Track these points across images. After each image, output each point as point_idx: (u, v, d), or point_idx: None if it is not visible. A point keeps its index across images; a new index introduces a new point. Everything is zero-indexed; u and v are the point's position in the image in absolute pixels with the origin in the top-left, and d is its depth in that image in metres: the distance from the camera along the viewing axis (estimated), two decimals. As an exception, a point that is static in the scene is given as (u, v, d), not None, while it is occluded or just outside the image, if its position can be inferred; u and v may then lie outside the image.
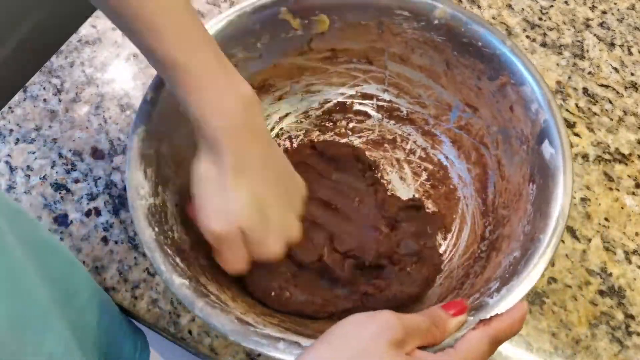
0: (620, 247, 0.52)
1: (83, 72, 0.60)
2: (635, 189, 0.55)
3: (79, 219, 0.52)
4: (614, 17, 0.66)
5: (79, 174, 0.54)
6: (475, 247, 0.47)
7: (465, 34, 0.46)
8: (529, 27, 0.64)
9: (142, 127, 0.42)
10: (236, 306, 0.38)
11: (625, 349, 0.47)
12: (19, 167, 0.55)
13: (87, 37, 0.62)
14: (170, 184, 0.43)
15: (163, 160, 0.43)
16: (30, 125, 0.57)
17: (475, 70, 0.47)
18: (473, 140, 0.50)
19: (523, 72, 0.44)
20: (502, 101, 0.46)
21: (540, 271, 0.37)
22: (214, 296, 0.37)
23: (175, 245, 0.40)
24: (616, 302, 0.49)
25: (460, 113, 0.51)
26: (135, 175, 0.40)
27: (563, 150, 0.41)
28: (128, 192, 0.40)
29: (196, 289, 0.37)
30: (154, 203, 0.40)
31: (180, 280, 0.37)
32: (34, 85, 0.59)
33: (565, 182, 0.40)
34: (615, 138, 0.57)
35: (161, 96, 0.43)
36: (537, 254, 0.38)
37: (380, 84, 0.53)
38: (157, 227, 0.39)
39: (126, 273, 0.50)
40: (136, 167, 0.40)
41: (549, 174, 0.41)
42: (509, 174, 0.46)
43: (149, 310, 0.48)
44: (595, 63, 0.62)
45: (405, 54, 0.50)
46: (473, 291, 0.41)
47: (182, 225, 0.42)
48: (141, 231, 0.38)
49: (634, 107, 0.59)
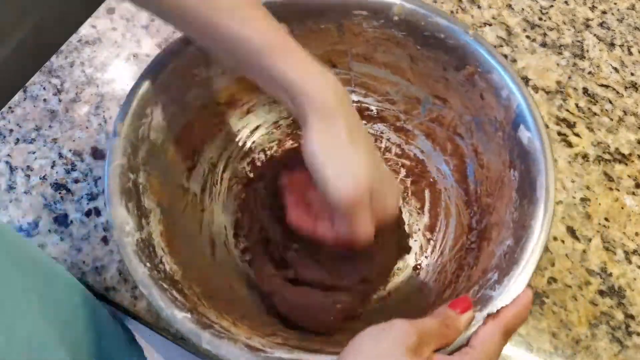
0: (620, 247, 0.52)
1: (83, 72, 0.60)
2: (635, 189, 0.55)
3: (79, 219, 0.52)
4: (614, 17, 0.66)
5: (79, 174, 0.54)
6: (464, 239, 0.47)
7: (427, 28, 0.46)
8: (529, 27, 0.64)
9: (117, 162, 0.41)
10: (239, 331, 0.38)
11: (625, 349, 0.47)
12: (19, 167, 0.55)
13: (87, 37, 0.62)
14: (152, 215, 0.42)
15: (143, 191, 0.42)
16: (30, 125, 0.57)
17: (440, 62, 0.47)
18: (447, 132, 0.50)
19: (489, 60, 0.44)
20: (472, 90, 0.47)
21: (537, 258, 0.37)
22: (217, 325, 0.37)
23: (168, 279, 0.39)
24: (616, 302, 0.49)
25: (430, 106, 0.51)
26: (118, 212, 0.39)
27: (540, 133, 0.41)
28: (114, 231, 0.38)
29: (199, 320, 0.36)
30: (141, 237, 0.39)
31: (182, 314, 0.36)
32: (34, 85, 0.59)
33: (547, 165, 0.40)
34: (615, 138, 0.57)
35: (131, 128, 0.42)
36: (531, 241, 0.38)
37: (347, 86, 0.53)
38: (149, 263, 0.38)
39: (126, 273, 0.50)
40: (118, 204, 0.39)
41: (530, 158, 0.41)
42: (488, 161, 0.46)
43: (149, 310, 0.48)
44: (595, 63, 0.62)
45: (368, 53, 0.50)
46: (471, 283, 0.41)
47: (170, 255, 0.41)
48: (134, 270, 0.37)
49: (634, 107, 0.59)
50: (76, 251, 0.51)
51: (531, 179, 0.40)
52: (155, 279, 0.37)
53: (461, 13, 0.65)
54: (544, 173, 0.40)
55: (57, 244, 0.51)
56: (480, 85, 0.46)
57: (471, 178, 0.48)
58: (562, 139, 0.57)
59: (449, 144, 0.50)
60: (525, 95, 0.43)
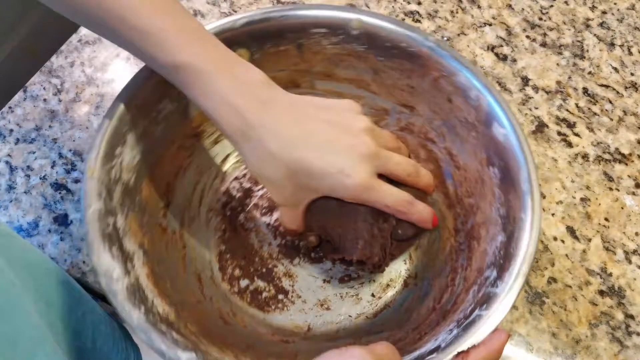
0: (620, 247, 0.52)
1: (83, 72, 0.60)
2: (635, 189, 0.55)
3: (79, 219, 0.52)
4: (614, 17, 0.66)
5: (79, 174, 0.54)
6: (452, 241, 0.47)
7: (387, 38, 0.46)
8: (529, 27, 0.64)
9: (93, 207, 0.39)
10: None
11: (625, 349, 0.47)
12: (19, 167, 0.55)
13: (87, 37, 0.62)
14: (135, 258, 0.41)
15: (123, 234, 0.41)
16: (30, 125, 0.57)
17: (404, 70, 0.47)
18: (418, 138, 0.50)
19: (453, 63, 0.44)
20: (438, 95, 0.46)
21: (533, 250, 0.37)
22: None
23: (164, 321, 0.38)
24: (616, 302, 0.49)
25: (398, 115, 0.50)
26: (103, 259, 0.37)
27: (514, 128, 0.41)
28: (101, 280, 0.37)
29: (205, 359, 0.35)
30: (130, 282, 0.38)
31: (187, 355, 0.35)
32: (34, 85, 0.59)
33: (526, 157, 0.40)
34: (615, 138, 0.57)
35: (103, 170, 0.41)
36: (524, 234, 0.38)
37: None
38: (142, 307, 0.37)
39: (126, 273, 0.50)
40: (102, 250, 0.38)
41: (508, 154, 0.41)
42: (464, 162, 0.46)
43: (149, 310, 0.48)
44: (595, 63, 0.62)
45: (329, 70, 0.50)
46: (469, 284, 0.41)
47: (160, 297, 0.40)
48: (129, 316, 0.36)
49: (634, 107, 0.59)
50: (76, 251, 0.51)
51: (512, 174, 0.41)
52: (152, 323, 0.36)
53: (461, 13, 0.65)
54: (525, 166, 0.40)
55: (57, 244, 0.51)
56: (447, 89, 0.45)
57: (449, 181, 0.48)
58: (562, 139, 0.57)
59: (422, 150, 0.50)
60: (493, 93, 0.43)
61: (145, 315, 0.36)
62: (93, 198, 0.39)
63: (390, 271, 0.48)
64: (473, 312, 0.37)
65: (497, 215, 0.42)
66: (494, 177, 0.43)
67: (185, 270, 0.46)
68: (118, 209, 0.41)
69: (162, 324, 0.37)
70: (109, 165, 0.41)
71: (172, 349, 0.35)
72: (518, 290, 0.36)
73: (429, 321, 0.42)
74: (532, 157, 0.40)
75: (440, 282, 0.45)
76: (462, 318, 0.38)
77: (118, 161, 0.42)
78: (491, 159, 0.43)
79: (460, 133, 0.46)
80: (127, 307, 0.36)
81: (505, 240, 0.39)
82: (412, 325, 0.43)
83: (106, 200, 0.40)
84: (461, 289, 0.42)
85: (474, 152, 0.45)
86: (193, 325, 0.40)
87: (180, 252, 0.46)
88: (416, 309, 0.45)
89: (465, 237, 0.45)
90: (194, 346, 0.36)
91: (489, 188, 0.43)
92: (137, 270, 0.40)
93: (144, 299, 0.38)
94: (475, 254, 0.43)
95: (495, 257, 0.40)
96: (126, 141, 0.43)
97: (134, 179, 0.44)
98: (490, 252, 0.41)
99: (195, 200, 0.50)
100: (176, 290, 0.42)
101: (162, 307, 0.39)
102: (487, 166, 0.44)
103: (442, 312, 0.42)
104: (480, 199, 0.44)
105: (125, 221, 0.41)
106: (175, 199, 0.48)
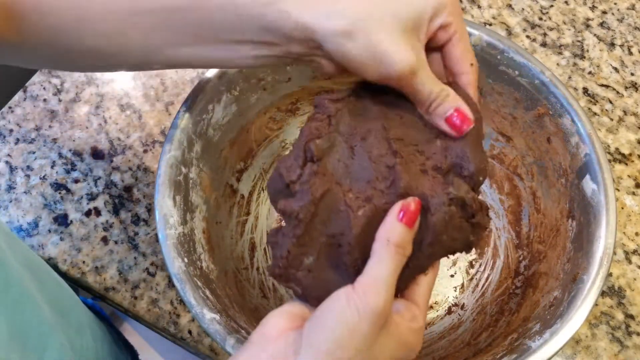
0: (620, 247, 0.52)
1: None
2: (635, 189, 0.55)
3: (79, 219, 0.52)
4: (614, 17, 0.65)
5: (79, 174, 0.54)
6: (509, 282, 0.45)
7: (502, 62, 0.45)
8: (529, 27, 0.64)
9: (171, 153, 0.40)
10: None
11: (625, 349, 0.47)
12: (19, 167, 0.55)
13: (87, 37, 0.62)
14: (197, 211, 0.42)
15: (192, 186, 0.42)
16: (30, 125, 0.57)
17: (511, 98, 0.46)
18: (506, 170, 0.49)
19: (563, 104, 0.43)
20: (539, 132, 0.45)
21: (585, 315, 0.36)
22: (244, 331, 0.37)
23: (204, 277, 0.38)
24: (616, 302, 0.49)
25: (493, 142, 0.49)
26: (164, 203, 0.39)
27: (605, 186, 0.39)
28: (158, 221, 0.38)
29: (227, 323, 0.36)
30: (183, 232, 0.39)
31: (211, 314, 0.36)
32: (34, 85, 0.59)
33: (609, 220, 0.38)
34: (615, 138, 0.57)
35: (190, 121, 0.42)
36: (580, 296, 0.36)
37: None
38: (186, 258, 0.38)
39: (126, 273, 0.50)
40: (165, 195, 0.39)
41: (591, 211, 0.39)
42: (545, 207, 0.45)
43: (149, 310, 0.48)
44: (595, 63, 0.62)
45: None
46: (510, 330, 0.39)
47: (208, 254, 0.41)
48: (170, 262, 0.37)
49: (634, 107, 0.59)
50: (76, 251, 0.51)
51: (590, 232, 0.39)
52: (190, 275, 0.37)
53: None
54: (605, 228, 0.38)
55: (57, 244, 0.51)
56: (549, 128, 0.44)
57: (525, 221, 0.47)
58: (562, 139, 0.57)
59: (507, 184, 0.49)
60: (595, 146, 0.41)
61: (187, 266, 0.37)
62: (173, 144, 0.41)
63: (438, 293, 0.47)
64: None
65: (560, 270, 0.40)
66: (570, 230, 0.41)
67: (242, 235, 0.47)
68: (194, 162, 0.42)
69: (200, 279, 0.38)
70: (199, 118, 0.42)
71: (199, 304, 0.36)
72: (553, 353, 0.34)
73: (459, 354, 0.41)
74: (616, 222, 0.39)
75: (483, 320, 0.44)
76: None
77: (208, 117, 0.43)
78: (573, 211, 0.41)
79: (549, 177, 0.44)
80: (173, 254, 0.37)
81: (560, 297, 0.38)
82: (441, 353, 0.42)
83: (185, 150, 0.41)
84: (501, 332, 0.40)
85: (558, 199, 0.43)
86: (231, 289, 0.41)
87: (242, 217, 0.47)
88: (449, 337, 0.44)
89: (523, 282, 0.44)
90: (222, 309, 0.37)
91: (562, 240, 0.42)
92: (195, 222, 0.41)
93: (192, 251, 0.39)
94: (527, 301, 0.41)
95: (544, 311, 0.38)
96: (221, 100, 0.44)
97: (219, 137, 0.45)
98: (542, 304, 0.39)
99: (271, 172, 0.50)
100: (227, 252, 0.43)
101: (207, 263, 0.40)
102: (567, 218, 0.42)
103: (475, 349, 0.41)
104: (549, 248, 0.43)
105: (198, 174, 0.43)
106: (253, 166, 0.49)
